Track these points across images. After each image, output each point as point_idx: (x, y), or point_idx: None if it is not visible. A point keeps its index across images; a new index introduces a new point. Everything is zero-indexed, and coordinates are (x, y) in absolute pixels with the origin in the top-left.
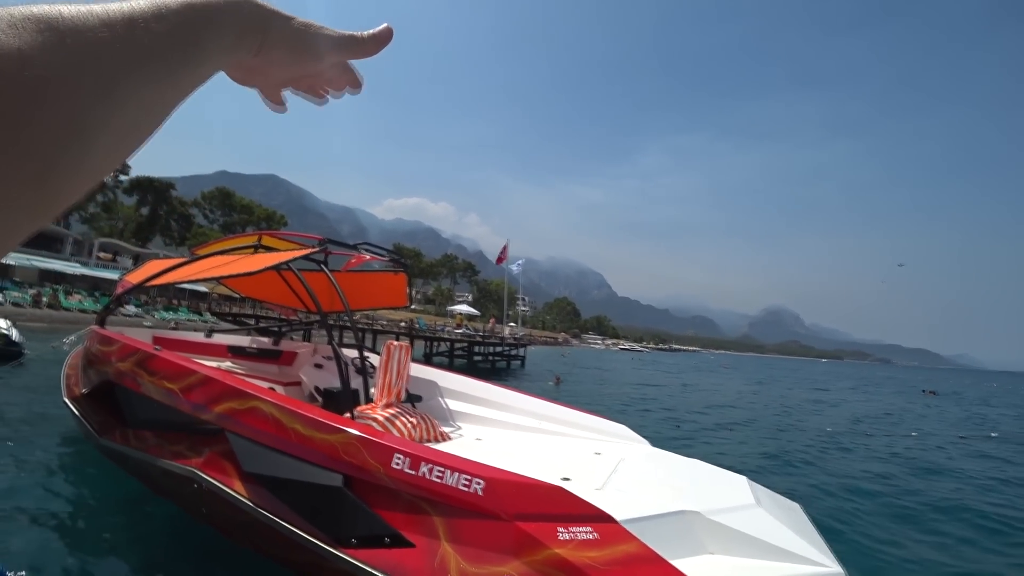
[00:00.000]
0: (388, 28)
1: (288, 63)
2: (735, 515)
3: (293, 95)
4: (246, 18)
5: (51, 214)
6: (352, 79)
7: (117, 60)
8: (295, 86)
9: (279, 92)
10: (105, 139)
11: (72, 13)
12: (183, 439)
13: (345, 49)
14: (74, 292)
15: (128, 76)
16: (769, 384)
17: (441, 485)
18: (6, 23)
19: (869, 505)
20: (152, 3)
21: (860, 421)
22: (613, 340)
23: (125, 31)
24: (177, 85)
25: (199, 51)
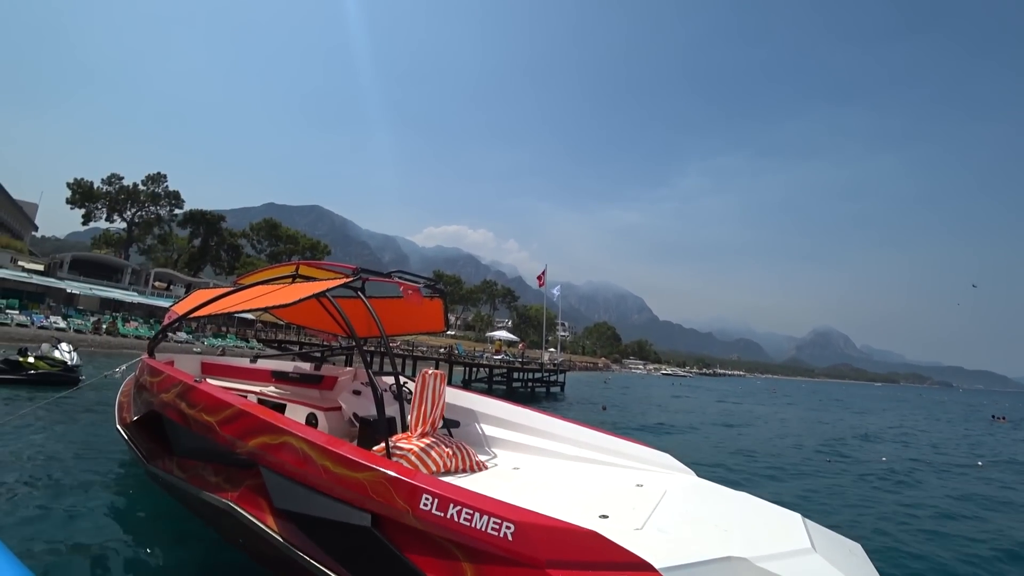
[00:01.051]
0: None
1: None
2: (787, 562)
3: None
4: None
5: None
6: None
7: None
8: None
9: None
10: None
11: None
12: (221, 471)
13: None
14: (131, 319)
15: None
16: (825, 411)
17: (470, 528)
18: None
19: (937, 547)
20: None
21: (925, 454)
22: (655, 365)
23: None
24: None
25: None
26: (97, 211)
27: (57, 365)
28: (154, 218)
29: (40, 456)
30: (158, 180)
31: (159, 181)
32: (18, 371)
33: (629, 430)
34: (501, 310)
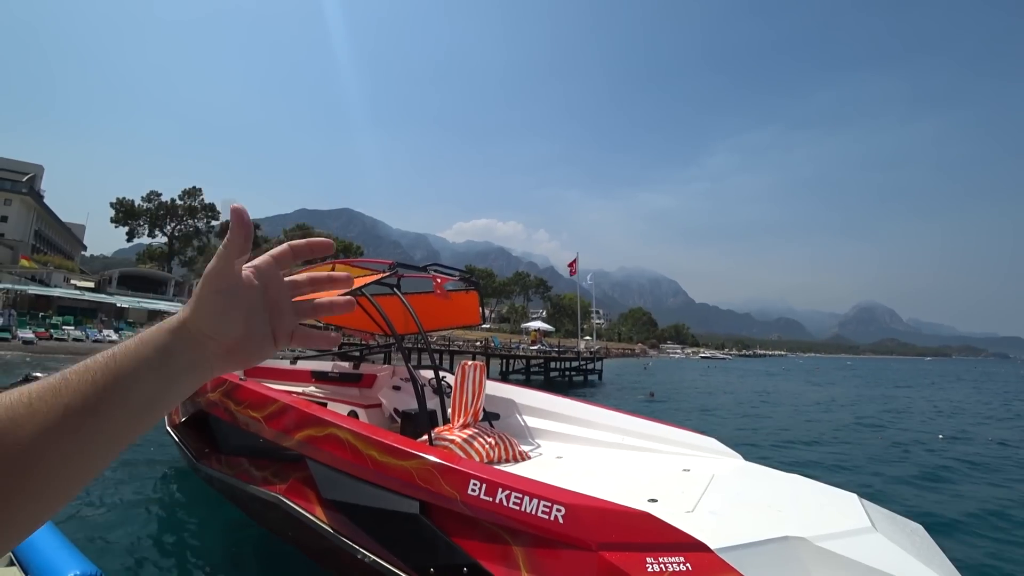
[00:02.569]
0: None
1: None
2: (848, 541)
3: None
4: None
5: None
6: (336, 282)
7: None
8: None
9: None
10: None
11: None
12: (268, 465)
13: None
14: None
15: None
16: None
17: (520, 512)
18: None
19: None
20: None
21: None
22: (693, 348)
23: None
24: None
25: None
26: (139, 228)
27: None
28: (192, 231)
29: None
30: (194, 194)
31: (195, 195)
32: None
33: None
34: (535, 301)
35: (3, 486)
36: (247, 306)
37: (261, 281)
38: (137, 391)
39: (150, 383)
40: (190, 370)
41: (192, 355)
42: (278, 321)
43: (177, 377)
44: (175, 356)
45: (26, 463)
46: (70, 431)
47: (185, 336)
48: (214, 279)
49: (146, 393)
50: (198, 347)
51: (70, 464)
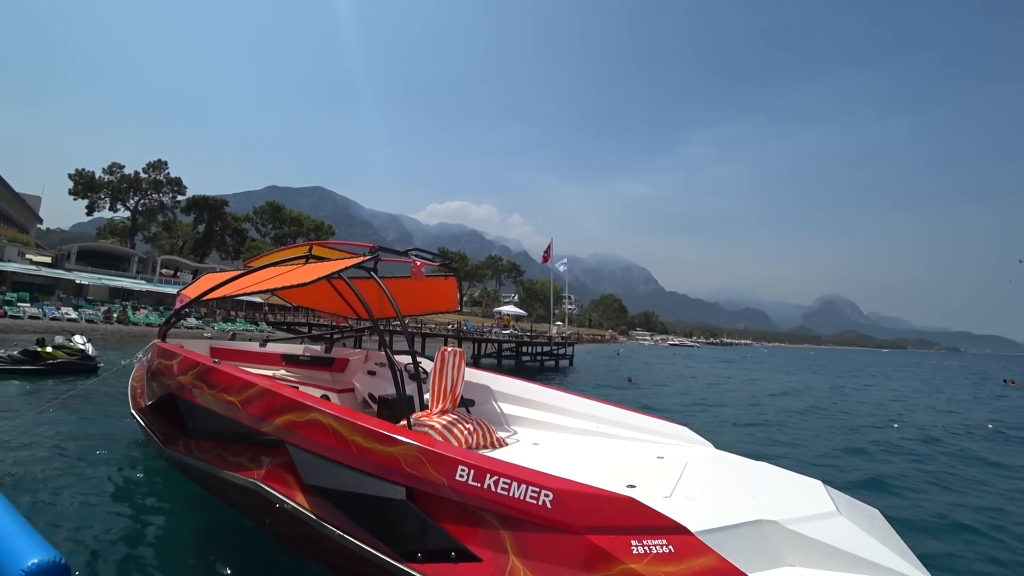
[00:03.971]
0: None
1: None
2: (815, 524)
3: None
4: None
5: None
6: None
7: None
8: None
9: None
10: None
11: None
12: (244, 450)
13: None
14: (141, 307)
15: None
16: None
17: (508, 497)
18: None
19: (946, 504)
20: None
21: (936, 424)
22: (662, 336)
23: None
24: None
25: None
26: (100, 201)
27: (75, 354)
28: (157, 206)
29: (63, 444)
30: (159, 167)
31: (160, 168)
32: (37, 361)
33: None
34: (507, 285)
35: None
36: None
37: None
38: None
39: None
40: None
41: None
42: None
43: None
44: None
45: None
46: None
47: None
48: None
49: None
50: None
51: None
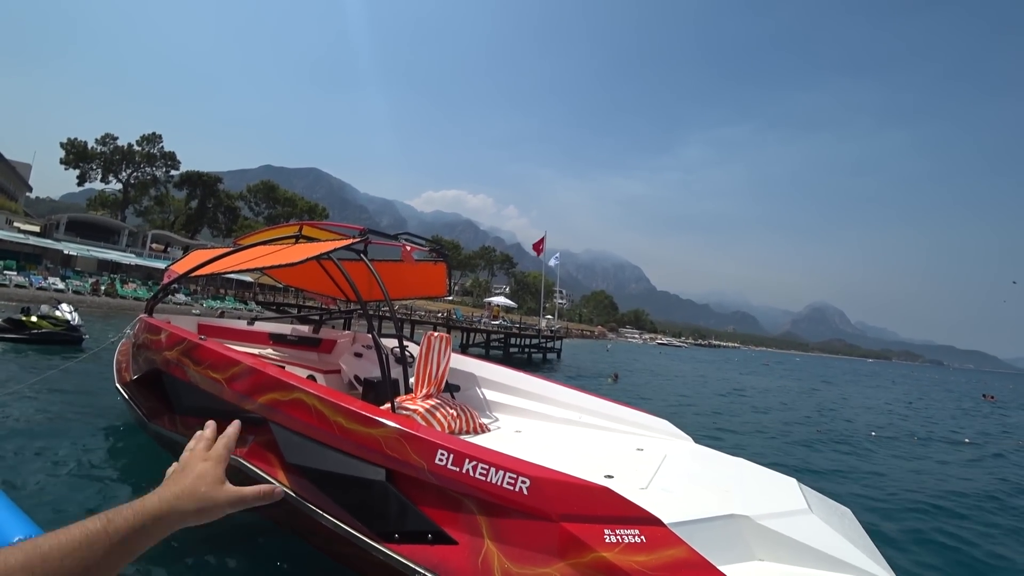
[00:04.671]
0: (273, 490)
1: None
2: (786, 520)
3: None
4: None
5: None
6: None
7: None
8: None
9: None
10: None
11: None
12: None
13: (239, 506)
14: (129, 281)
15: None
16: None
17: (486, 483)
18: None
19: (917, 510)
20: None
21: (920, 431)
22: (651, 335)
23: None
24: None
25: None
26: (92, 172)
27: (60, 324)
28: (150, 179)
29: (45, 419)
30: (153, 141)
31: (154, 142)
32: (21, 330)
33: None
34: (499, 276)
35: None
36: None
37: None
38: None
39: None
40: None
41: (162, 530)
42: None
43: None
44: (150, 535)
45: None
46: None
47: (165, 519)
48: (224, 509)
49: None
50: (169, 523)
51: None
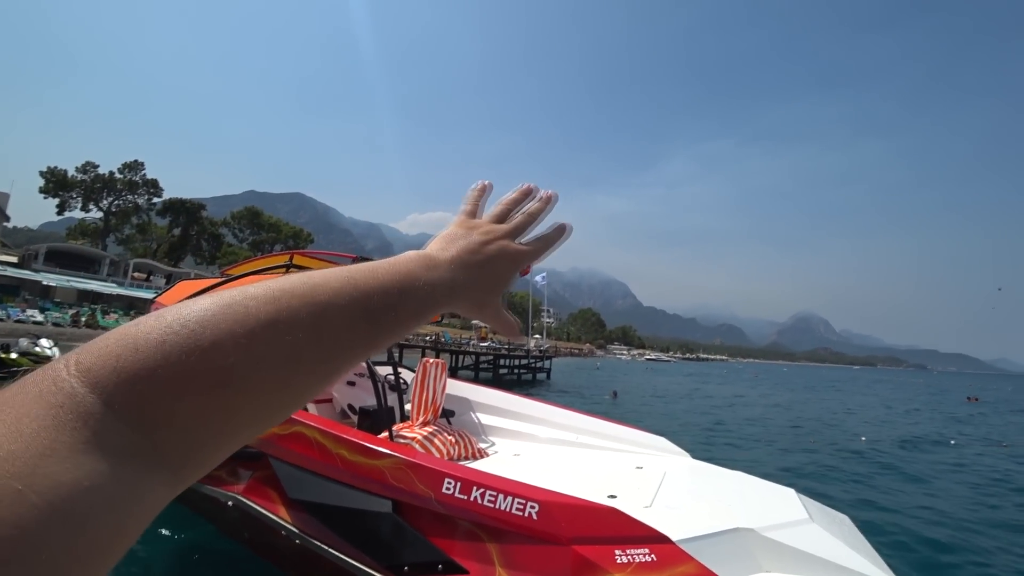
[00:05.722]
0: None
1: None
2: (789, 531)
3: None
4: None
5: None
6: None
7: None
8: None
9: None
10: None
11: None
12: (223, 464)
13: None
14: (111, 311)
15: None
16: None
17: (494, 510)
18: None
19: (915, 513)
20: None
21: (908, 438)
22: (639, 350)
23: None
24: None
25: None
26: (72, 200)
27: (41, 361)
28: (132, 207)
29: None
30: (135, 168)
31: (136, 169)
32: (1, 369)
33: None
34: None
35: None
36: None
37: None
38: (410, 305)
39: (416, 302)
40: (438, 305)
41: (447, 297)
42: None
43: (430, 307)
44: (438, 289)
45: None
46: (355, 321)
47: (451, 285)
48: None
49: (413, 308)
50: (456, 295)
51: (315, 370)
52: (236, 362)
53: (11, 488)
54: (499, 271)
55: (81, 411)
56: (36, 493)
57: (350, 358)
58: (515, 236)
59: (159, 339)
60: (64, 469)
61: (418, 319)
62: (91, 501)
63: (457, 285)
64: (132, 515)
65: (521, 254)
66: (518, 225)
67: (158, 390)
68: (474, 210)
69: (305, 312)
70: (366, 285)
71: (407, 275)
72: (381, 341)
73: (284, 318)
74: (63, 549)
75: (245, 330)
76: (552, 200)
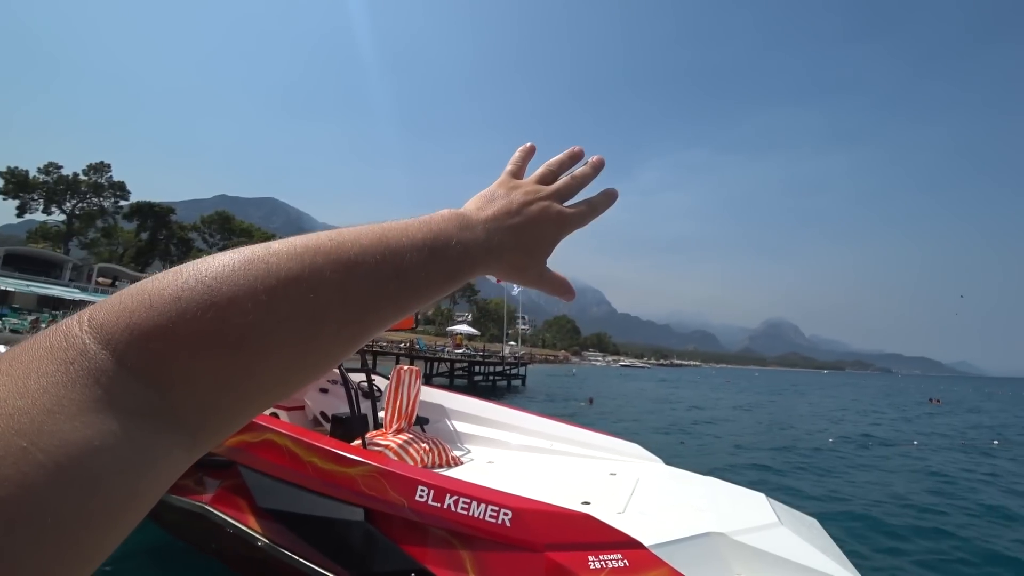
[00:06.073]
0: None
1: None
2: (759, 535)
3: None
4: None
5: None
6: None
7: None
8: None
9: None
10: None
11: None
12: (190, 473)
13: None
14: None
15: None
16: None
17: (468, 517)
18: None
19: (878, 516)
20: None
21: (868, 435)
22: (614, 357)
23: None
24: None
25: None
26: (33, 202)
27: None
28: (97, 210)
29: None
30: (101, 170)
31: (102, 171)
32: None
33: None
34: (461, 304)
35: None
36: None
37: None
38: (442, 266)
39: (448, 262)
40: (474, 267)
41: (483, 258)
42: None
43: (465, 269)
44: (472, 249)
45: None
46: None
47: (487, 247)
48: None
49: (446, 268)
50: (492, 257)
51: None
52: (256, 320)
53: (16, 445)
54: (542, 233)
55: (93, 368)
56: (42, 451)
57: (376, 321)
58: (561, 199)
59: (174, 295)
60: (73, 427)
61: (452, 281)
62: (102, 461)
63: (493, 246)
64: (147, 478)
65: (566, 216)
66: (564, 186)
67: (173, 347)
68: (518, 171)
69: (330, 270)
70: (397, 243)
71: (440, 234)
72: (411, 304)
73: (308, 275)
74: (72, 512)
75: (266, 287)
76: (600, 165)
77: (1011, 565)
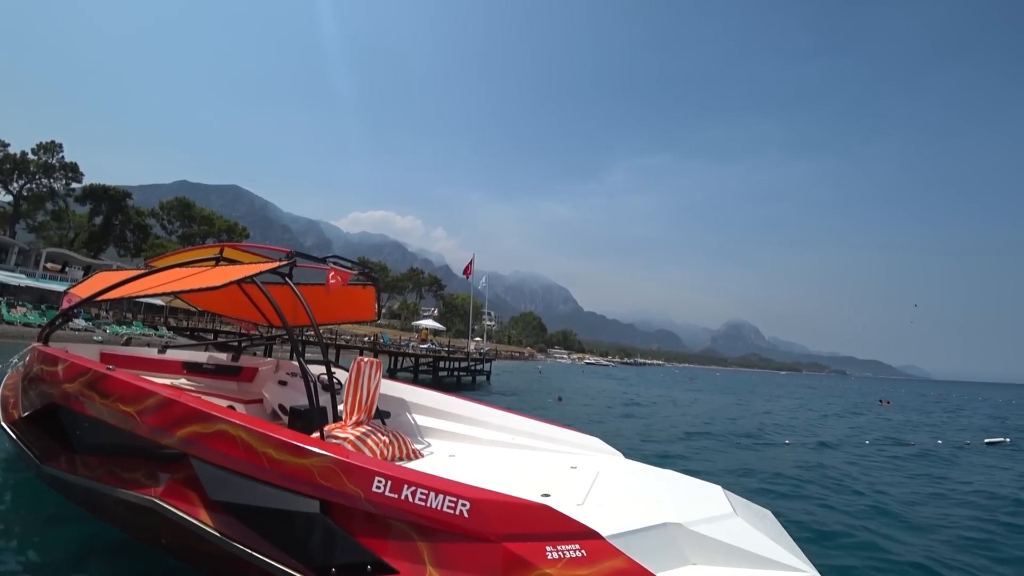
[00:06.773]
0: None
1: None
2: (714, 525)
3: None
4: None
5: None
6: None
7: None
8: None
9: None
10: None
11: None
12: (139, 465)
13: None
14: (18, 304)
15: None
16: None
17: (425, 508)
18: None
19: (835, 506)
20: None
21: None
22: (579, 354)
23: None
24: None
25: None
26: None
27: None
28: (47, 192)
29: None
30: (52, 150)
31: (53, 151)
32: None
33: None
34: (427, 299)
35: None
36: None
37: None
38: None
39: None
40: None
41: None
42: None
43: None
44: None
45: None
46: None
47: None
48: None
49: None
50: None
51: None
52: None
53: None
54: None
55: None
56: None
57: None
58: None
59: None
60: None
61: None
62: None
63: None
64: None
65: None
66: None
67: None
68: None
69: None
70: None
71: None
72: None
73: None
74: None
75: None
76: None
77: None
